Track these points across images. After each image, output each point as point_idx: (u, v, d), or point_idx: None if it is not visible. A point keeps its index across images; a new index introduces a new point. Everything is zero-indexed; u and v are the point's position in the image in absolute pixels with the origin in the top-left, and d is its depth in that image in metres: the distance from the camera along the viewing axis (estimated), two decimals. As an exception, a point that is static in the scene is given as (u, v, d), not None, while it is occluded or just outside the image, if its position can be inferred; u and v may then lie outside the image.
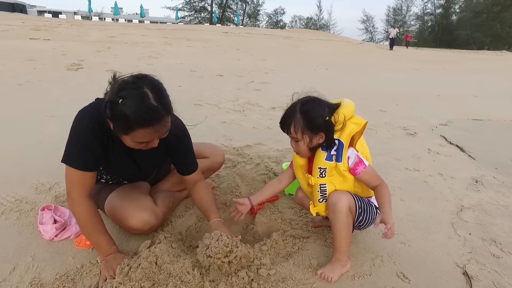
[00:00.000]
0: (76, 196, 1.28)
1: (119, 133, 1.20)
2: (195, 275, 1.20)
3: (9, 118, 3.19)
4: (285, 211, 1.82)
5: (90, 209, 1.30)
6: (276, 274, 1.31)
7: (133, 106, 1.10)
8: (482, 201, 2.12)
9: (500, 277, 1.42)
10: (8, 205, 1.71)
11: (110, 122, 1.18)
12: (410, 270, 1.43)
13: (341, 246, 1.34)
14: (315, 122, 1.28)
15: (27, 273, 1.27)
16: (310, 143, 1.31)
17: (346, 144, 1.31)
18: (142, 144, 1.23)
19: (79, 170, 1.27)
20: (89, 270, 1.31)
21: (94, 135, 1.26)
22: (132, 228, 1.45)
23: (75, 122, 1.28)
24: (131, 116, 1.11)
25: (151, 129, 1.15)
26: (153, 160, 1.54)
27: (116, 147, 1.34)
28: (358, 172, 1.33)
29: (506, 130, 4.07)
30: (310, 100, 1.33)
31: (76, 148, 1.26)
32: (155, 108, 1.13)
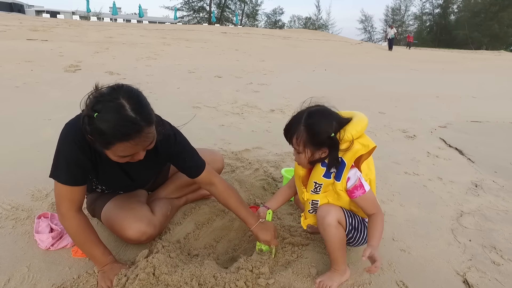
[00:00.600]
0: (66, 210, 1.25)
1: (100, 148, 1.14)
2: (193, 286, 1.18)
3: (6, 121, 3.16)
4: (284, 218, 1.81)
5: (80, 223, 1.27)
6: (275, 283, 1.29)
7: (110, 120, 1.03)
8: (482, 206, 2.11)
9: (501, 285, 1.41)
10: (4, 213, 1.69)
11: (89, 137, 1.11)
12: (410, 278, 1.42)
13: (336, 258, 1.33)
14: (318, 137, 1.21)
15: (22, 284, 1.25)
16: (312, 157, 1.25)
17: (349, 164, 1.23)
18: (126, 158, 1.17)
19: (67, 185, 1.22)
20: (86, 280, 1.29)
21: (81, 149, 1.21)
22: (129, 239, 1.44)
23: (62, 136, 1.23)
24: (107, 131, 1.04)
25: (131, 142, 1.09)
26: (146, 171, 1.50)
27: (105, 160, 1.27)
28: (355, 196, 1.26)
29: (504, 132, 4.07)
30: (318, 112, 1.24)
31: (64, 162, 1.22)
32: (133, 120, 1.06)
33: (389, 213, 1.96)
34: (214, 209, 1.84)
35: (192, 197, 1.88)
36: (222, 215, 1.81)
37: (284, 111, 4.30)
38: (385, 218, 1.85)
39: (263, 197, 2.00)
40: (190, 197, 1.87)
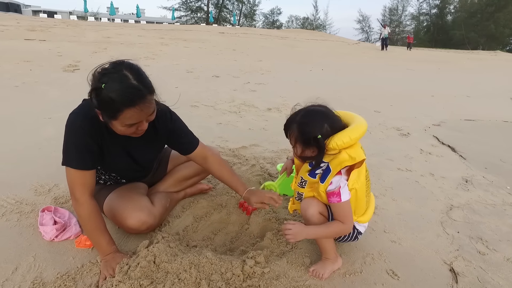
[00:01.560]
0: (80, 195, 1.32)
1: (108, 120, 1.23)
2: (191, 273, 1.24)
3: (6, 120, 3.21)
4: (279, 211, 1.87)
5: (93, 208, 1.35)
6: (270, 272, 1.36)
7: (117, 88, 1.15)
8: (471, 200, 2.19)
9: (485, 273, 1.48)
10: (9, 207, 1.74)
11: (98, 111, 1.22)
12: (399, 267, 1.49)
13: (324, 247, 1.40)
14: (306, 137, 1.24)
15: (29, 273, 1.31)
16: (302, 153, 1.29)
17: (334, 172, 1.26)
18: (132, 128, 1.26)
19: (79, 169, 1.31)
20: (89, 269, 1.35)
21: (88, 134, 1.31)
22: (130, 228, 1.50)
23: (68, 125, 1.33)
24: (116, 98, 1.15)
25: (137, 108, 1.19)
26: (147, 151, 1.55)
27: (111, 143, 1.39)
28: (330, 201, 1.30)
29: (497, 130, 4.16)
30: (313, 112, 1.28)
31: (73, 149, 1.31)
32: (137, 87, 1.18)
33: (381, 207, 2.03)
34: (212, 203, 1.90)
35: (190, 191, 1.94)
36: (219, 209, 1.87)
37: (280, 110, 4.37)
38: (377, 212, 1.94)
39: (259, 192, 2.06)
40: (189, 191, 1.93)
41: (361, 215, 1.42)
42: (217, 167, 1.61)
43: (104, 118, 1.24)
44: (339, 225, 1.31)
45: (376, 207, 2.01)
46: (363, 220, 1.44)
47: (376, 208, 1.99)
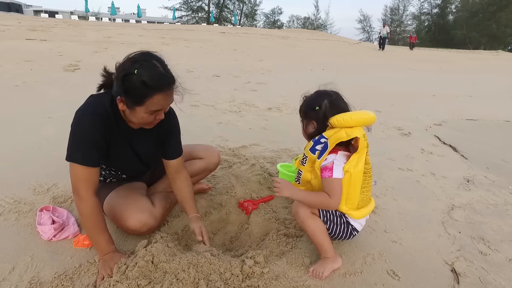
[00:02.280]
0: (84, 192, 1.31)
1: (132, 106, 1.28)
2: (190, 273, 1.23)
3: (6, 120, 3.20)
4: (279, 211, 1.86)
5: (96, 206, 1.34)
6: (269, 272, 1.34)
7: (149, 73, 1.22)
8: (473, 200, 2.17)
9: (486, 273, 1.46)
10: (7, 206, 1.73)
11: (122, 97, 1.26)
12: (400, 267, 1.47)
13: (322, 245, 1.40)
14: (306, 108, 1.43)
15: (26, 273, 1.30)
16: (306, 128, 1.44)
17: (330, 147, 1.33)
18: (152, 116, 1.31)
19: (85, 166, 1.31)
20: (87, 269, 1.34)
21: (96, 129, 1.32)
22: (131, 229, 1.48)
23: (76, 120, 1.33)
24: (149, 82, 1.22)
25: (164, 94, 1.27)
26: (149, 145, 1.56)
27: (118, 137, 1.41)
28: (322, 176, 1.35)
29: (499, 130, 4.13)
30: (319, 92, 1.45)
31: (80, 144, 1.31)
32: (167, 75, 1.28)
33: (382, 206, 2.01)
34: (211, 203, 1.89)
35: None
36: (219, 209, 1.86)
37: (281, 109, 4.35)
38: (378, 212, 1.93)
39: (258, 192, 2.05)
40: None
41: (354, 209, 1.41)
42: (183, 183, 1.61)
43: (128, 104, 1.28)
44: (325, 196, 1.34)
45: (377, 206, 1.99)
46: (356, 216, 1.43)
47: (377, 208, 1.97)
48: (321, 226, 1.40)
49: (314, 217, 1.40)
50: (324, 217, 1.42)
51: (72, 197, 1.86)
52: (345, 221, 1.42)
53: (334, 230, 1.43)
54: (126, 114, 1.35)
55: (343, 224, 1.42)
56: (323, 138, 1.36)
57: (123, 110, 1.33)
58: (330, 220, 1.42)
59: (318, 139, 1.37)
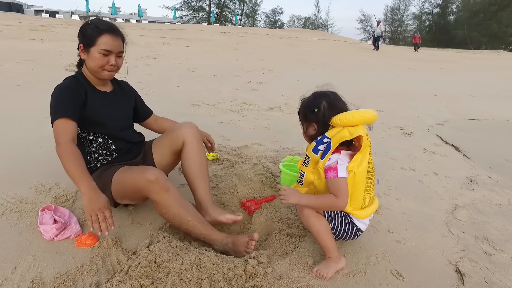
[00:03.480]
0: (62, 140, 1.41)
1: (87, 49, 1.55)
2: (193, 273, 1.22)
3: (8, 119, 3.20)
4: (282, 211, 1.85)
5: (73, 150, 1.41)
6: (273, 272, 1.33)
7: (101, 22, 1.57)
8: (476, 200, 2.16)
9: (492, 274, 1.45)
10: (9, 206, 1.72)
11: (81, 44, 1.56)
12: (404, 267, 1.46)
13: (326, 245, 1.39)
14: (305, 111, 1.43)
15: (28, 272, 1.29)
16: (306, 130, 1.45)
17: (334, 146, 1.33)
18: (105, 59, 1.55)
19: (63, 117, 1.45)
20: (89, 269, 1.33)
21: (69, 90, 1.53)
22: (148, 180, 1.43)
23: (55, 91, 1.54)
24: (99, 26, 1.53)
25: (112, 37, 1.54)
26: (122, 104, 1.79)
27: (92, 95, 1.62)
28: (327, 176, 1.34)
29: (501, 130, 4.12)
30: (317, 93, 1.45)
31: (59, 103, 1.49)
32: (115, 26, 1.60)
33: (385, 206, 2.00)
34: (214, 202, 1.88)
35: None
36: (221, 208, 1.85)
37: (282, 109, 4.34)
38: (381, 212, 1.92)
39: (261, 191, 2.05)
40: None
41: (358, 209, 1.40)
42: (166, 122, 2.03)
43: (85, 49, 1.56)
44: (332, 198, 1.33)
45: (380, 206, 1.98)
46: (361, 216, 1.42)
47: (380, 208, 1.96)
48: (325, 226, 1.39)
49: (319, 216, 1.39)
50: (329, 216, 1.41)
51: (74, 196, 1.86)
52: (349, 221, 1.42)
53: (338, 230, 1.42)
54: (87, 63, 1.60)
55: (347, 224, 1.42)
56: (326, 138, 1.35)
57: (83, 58, 1.59)
58: (335, 220, 1.41)
59: (321, 139, 1.37)
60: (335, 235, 1.44)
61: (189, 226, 1.49)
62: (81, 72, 1.66)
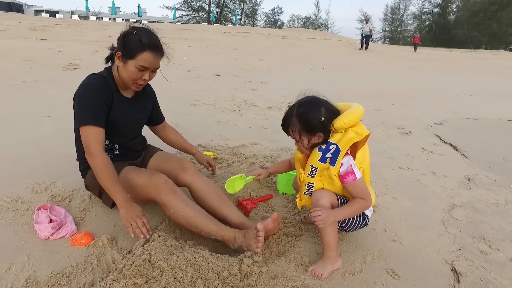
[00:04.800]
0: (94, 149, 1.44)
1: (125, 60, 1.50)
2: (187, 272, 1.22)
3: (5, 118, 3.20)
4: (278, 210, 1.85)
5: (107, 161, 1.46)
6: (268, 271, 1.33)
7: (145, 35, 1.49)
8: (474, 199, 2.15)
9: (487, 273, 1.45)
10: (4, 205, 1.72)
11: (120, 52, 1.49)
12: (400, 267, 1.46)
13: (330, 241, 1.38)
14: (310, 124, 1.32)
15: (22, 272, 1.29)
16: (309, 143, 1.36)
17: (343, 151, 1.30)
18: (139, 73, 1.51)
19: (96, 126, 1.46)
20: (84, 268, 1.33)
21: (100, 94, 1.51)
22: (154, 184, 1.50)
23: (84, 90, 1.50)
24: (143, 40, 1.47)
25: (153, 55, 1.49)
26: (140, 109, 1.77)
27: (116, 103, 1.59)
28: (346, 182, 1.34)
29: (500, 129, 4.11)
30: (307, 102, 1.35)
31: (91, 109, 1.48)
32: (158, 41, 1.54)
33: (382, 205, 2.00)
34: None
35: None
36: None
37: (281, 108, 4.34)
38: (378, 211, 1.91)
39: (257, 190, 2.04)
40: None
41: None
42: (174, 132, 2.04)
43: (123, 58, 1.50)
44: (361, 202, 1.35)
45: (377, 205, 1.98)
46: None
47: (377, 207, 1.96)
48: (335, 224, 1.39)
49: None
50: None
51: (70, 196, 1.86)
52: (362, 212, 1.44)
53: (352, 223, 1.43)
54: (120, 71, 1.55)
55: (360, 215, 1.44)
56: (332, 145, 1.32)
57: (118, 66, 1.54)
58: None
59: (327, 148, 1.33)
60: (348, 228, 1.44)
61: (198, 223, 1.48)
62: (110, 71, 1.61)
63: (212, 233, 1.48)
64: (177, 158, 1.80)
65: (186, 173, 1.70)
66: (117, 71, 1.57)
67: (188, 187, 1.69)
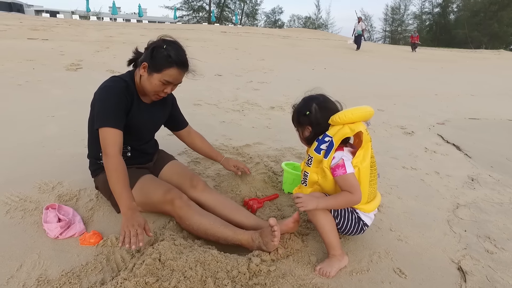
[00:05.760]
0: (110, 150, 1.45)
1: (151, 72, 1.52)
2: (197, 271, 1.23)
3: (10, 119, 3.20)
4: (284, 209, 1.86)
5: (121, 163, 1.46)
6: (276, 270, 1.34)
7: (174, 51, 1.52)
8: (478, 199, 2.17)
9: (494, 272, 1.46)
10: (13, 204, 1.73)
11: (147, 63, 1.52)
12: (406, 265, 1.47)
13: (331, 241, 1.40)
14: (298, 116, 1.48)
15: (33, 270, 1.30)
16: (302, 134, 1.49)
17: (336, 144, 1.36)
18: (162, 87, 1.55)
19: (115, 128, 1.48)
20: (94, 267, 1.34)
21: (122, 97, 1.54)
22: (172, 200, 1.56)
23: (106, 92, 1.53)
24: (172, 56, 1.50)
25: (179, 71, 1.53)
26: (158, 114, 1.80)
27: (135, 107, 1.62)
28: (336, 174, 1.36)
29: (502, 129, 4.12)
30: (306, 98, 1.49)
31: (112, 111, 1.50)
32: (186, 59, 1.58)
33: (387, 205, 2.01)
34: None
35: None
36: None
37: (284, 108, 4.35)
38: (383, 210, 1.92)
39: (263, 190, 2.05)
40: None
41: (364, 203, 1.42)
42: (200, 139, 2.04)
43: (149, 69, 1.53)
44: (347, 195, 1.36)
45: (382, 205, 1.99)
46: (367, 209, 1.44)
47: (382, 206, 1.97)
48: (331, 222, 1.40)
49: (326, 212, 1.40)
50: (335, 212, 1.42)
51: (77, 195, 1.87)
52: (356, 216, 1.43)
53: (345, 226, 1.43)
54: (142, 80, 1.57)
55: (354, 219, 1.43)
56: (327, 137, 1.37)
57: (141, 74, 1.56)
58: (342, 215, 1.42)
59: (322, 139, 1.39)
60: (342, 231, 1.45)
61: (214, 231, 1.50)
62: (133, 76, 1.63)
63: (229, 239, 1.49)
64: (188, 174, 1.82)
65: (196, 190, 1.74)
66: (139, 79, 1.59)
67: (198, 203, 1.68)
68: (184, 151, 2.61)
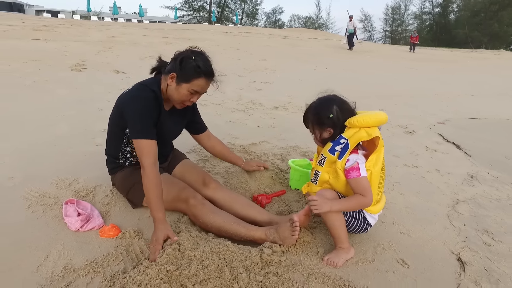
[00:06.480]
0: (146, 161, 1.51)
1: (179, 82, 1.56)
2: (214, 260, 1.32)
3: (21, 119, 3.29)
4: (292, 204, 1.94)
5: (157, 177, 1.52)
6: (286, 260, 1.43)
7: (202, 62, 1.57)
8: (477, 195, 2.25)
9: (491, 262, 1.54)
10: (33, 199, 1.82)
11: (175, 74, 1.56)
12: (409, 256, 1.56)
13: (339, 235, 1.47)
14: (320, 118, 1.46)
15: (59, 260, 1.39)
16: (321, 136, 1.50)
17: (351, 147, 1.40)
18: (189, 96, 1.60)
19: (150, 139, 1.54)
20: (115, 257, 1.42)
21: (154, 108, 1.59)
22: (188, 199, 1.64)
23: (139, 103, 1.57)
24: (201, 67, 1.55)
25: (206, 81, 1.59)
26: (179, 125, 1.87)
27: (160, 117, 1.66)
28: (350, 177, 1.41)
29: (502, 129, 4.20)
30: (323, 99, 1.50)
31: (146, 123, 1.55)
32: (213, 69, 1.63)
33: (390, 201, 2.09)
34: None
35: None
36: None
37: (287, 108, 4.43)
38: (386, 205, 2.01)
39: (271, 186, 2.14)
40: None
41: (372, 205, 1.49)
42: (220, 144, 2.10)
43: (177, 80, 1.57)
44: (360, 198, 1.41)
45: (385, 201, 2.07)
46: (373, 211, 1.52)
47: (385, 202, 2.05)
48: (341, 218, 1.47)
49: (337, 212, 1.45)
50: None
51: (93, 191, 1.96)
52: (362, 216, 1.51)
53: (352, 224, 1.51)
54: (169, 90, 1.61)
55: (360, 219, 1.51)
56: (343, 139, 1.42)
57: (169, 85, 1.59)
58: (350, 214, 1.49)
59: (338, 140, 1.43)
60: (347, 229, 1.52)
61: (227, 228, 1.57)
62: (159, 85, 1.65)
63: (242, 235, 1.57)
64: (200, 172, 1.90)
65: (208, 188, 1.82)
66: (166, 88, 1.62)
67: (211, 201, 1.76)
68: (193, 149, 2.69)
